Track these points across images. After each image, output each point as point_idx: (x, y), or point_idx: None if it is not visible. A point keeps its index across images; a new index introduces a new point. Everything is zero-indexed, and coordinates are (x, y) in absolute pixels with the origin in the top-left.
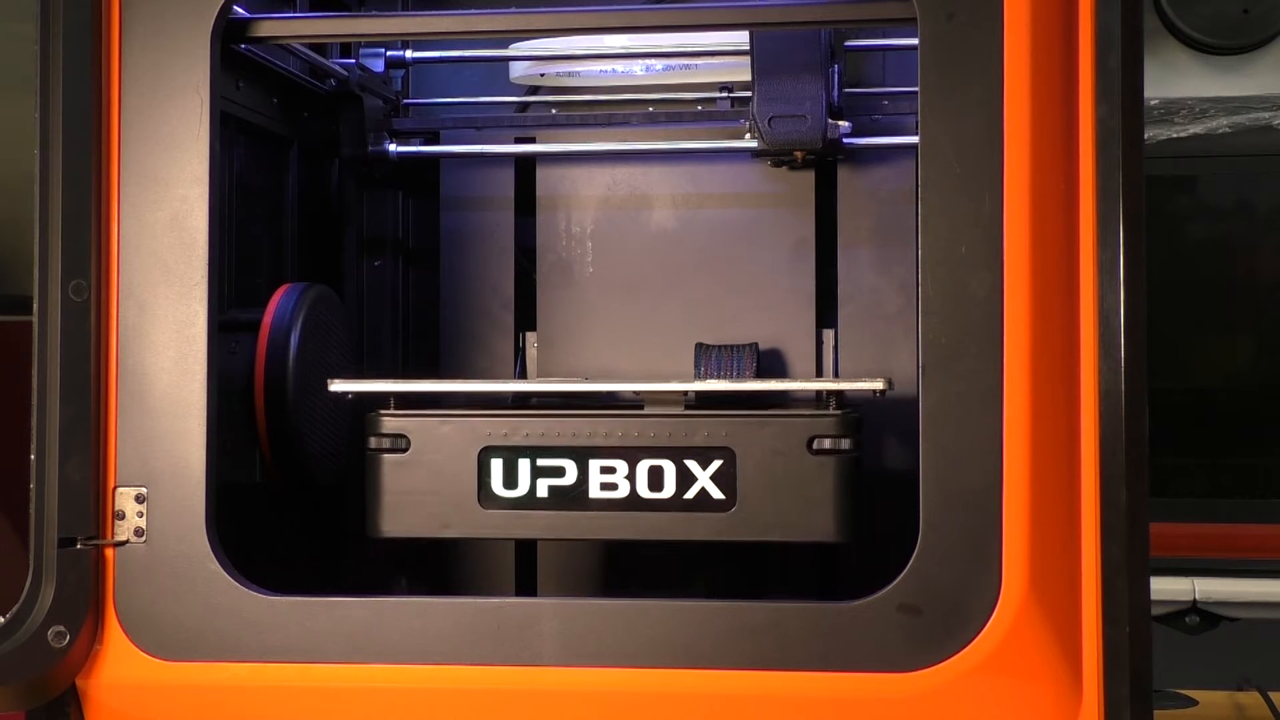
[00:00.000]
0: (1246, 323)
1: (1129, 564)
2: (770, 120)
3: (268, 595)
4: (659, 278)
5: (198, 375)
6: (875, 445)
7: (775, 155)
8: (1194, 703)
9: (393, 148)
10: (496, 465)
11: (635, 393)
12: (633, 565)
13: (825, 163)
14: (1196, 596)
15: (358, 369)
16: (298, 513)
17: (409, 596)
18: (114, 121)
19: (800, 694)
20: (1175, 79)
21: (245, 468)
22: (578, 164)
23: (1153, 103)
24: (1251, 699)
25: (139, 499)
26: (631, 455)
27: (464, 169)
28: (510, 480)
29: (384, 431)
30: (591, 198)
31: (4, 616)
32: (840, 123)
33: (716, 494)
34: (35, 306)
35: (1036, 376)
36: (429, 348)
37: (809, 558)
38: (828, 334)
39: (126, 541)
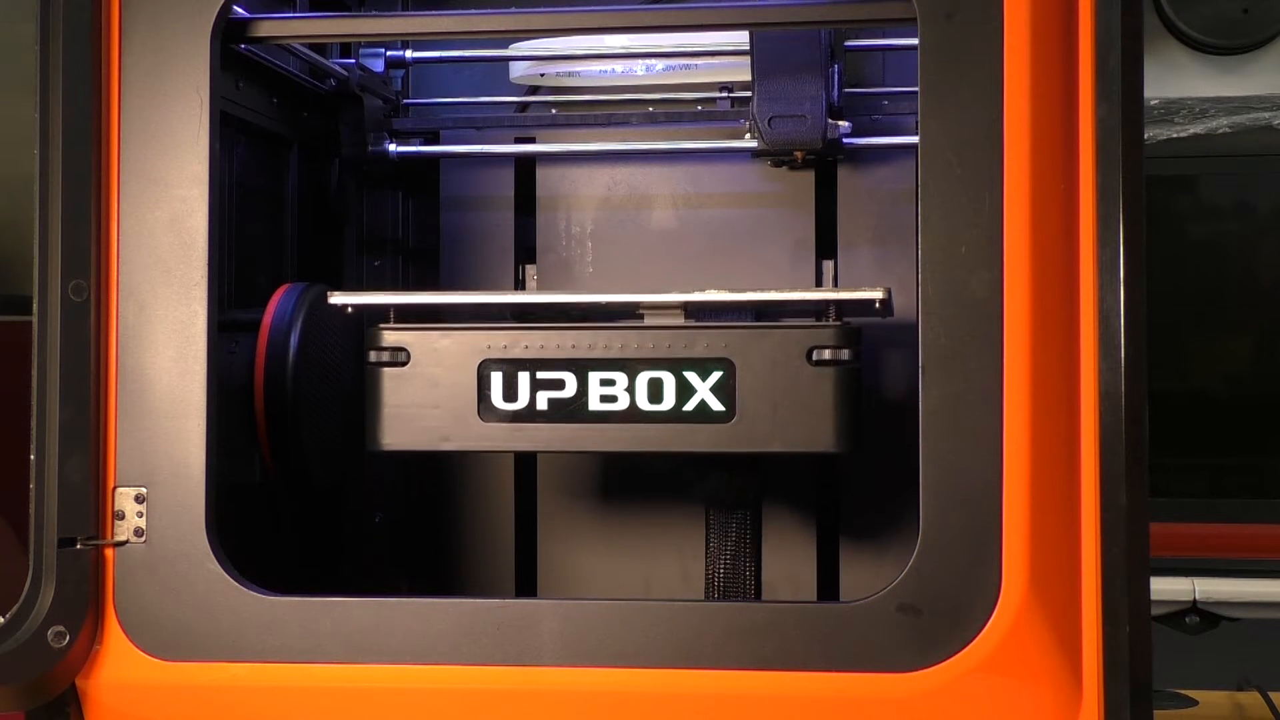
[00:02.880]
0: (1246, 323)
1: (1129, 564)
2: (770, 120)
3: (268, 595)
4: (659, 278)
5: (198, 375)
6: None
7: (775, 155)
8: (1194, 703)
9: (393, 148)
10: (496, 378)
11: (635, 304)
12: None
13: (825, 163)
14: (1196, 596)
15: (358, 368)
16: (298, 513)
17: (409, 597)
18: (114, 121)
19: (800, 694)
20: (1175, 79)
21: (245, 468)
22: (578, 164)
23: (1153, 103)
24: (1251, 699)
25: (139, 499)
26: (631, 367)
27: (464, 169)
28: (510, 393)
29: (383, 345)
30: (591, 198)
31: (4, 616)
32: (840, 123)
33: (716, 405)
34: (35, 306)
35: (1036, 376)
36: None
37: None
38: (827, 265)
39: (126, 541)
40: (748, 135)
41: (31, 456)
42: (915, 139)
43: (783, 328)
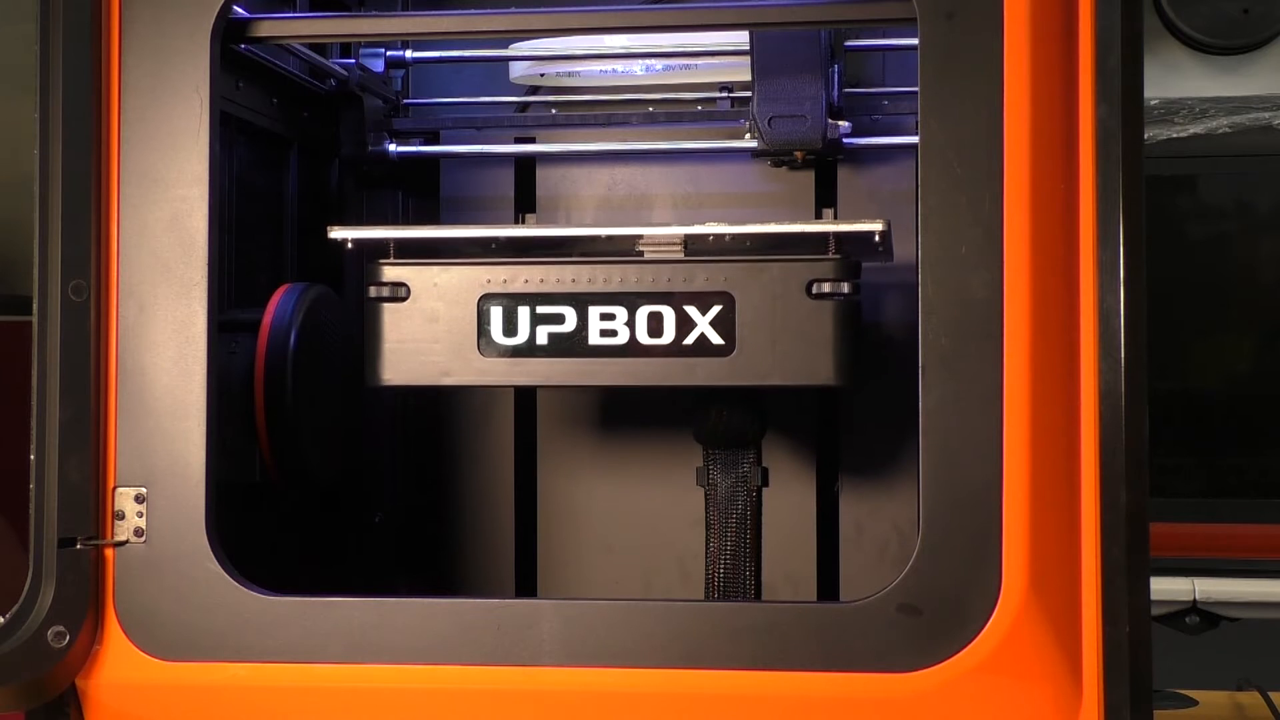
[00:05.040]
0: (1246, 323)
1: (1129, 564)
2: (770, 120)
3: (267, 595)
4: None
5: (197, 375)
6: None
7: (775, 155)
8: (1194, 703)
9: (393, 148)
10: (496, 313)
11: (635, 238)
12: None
13: (825, 163)
14: (1196, 596)
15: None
16: (297, 512)
17: (409, 597)
18: (114, 121)
19: (800, 694)
20: (1175, 79)
21: (245, 468)
22: (578, 164)
23: (1153, 103)
24: (1251, 699)
25: (139, 499)
26: (631, 301)
27: (464, 169)
28: (510, 328)
29: (383, 280)
30: (591, 198)
31: (4, 616)
32: (840, 123)
33: (716, 339)
34: (35, 306)
35: (1036, 376)
36: None
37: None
38: (827, 213)
39: (126, 541)
40: (748, 135)
41: (31, 456)
42: (915, 139)
43: (782, 261)
